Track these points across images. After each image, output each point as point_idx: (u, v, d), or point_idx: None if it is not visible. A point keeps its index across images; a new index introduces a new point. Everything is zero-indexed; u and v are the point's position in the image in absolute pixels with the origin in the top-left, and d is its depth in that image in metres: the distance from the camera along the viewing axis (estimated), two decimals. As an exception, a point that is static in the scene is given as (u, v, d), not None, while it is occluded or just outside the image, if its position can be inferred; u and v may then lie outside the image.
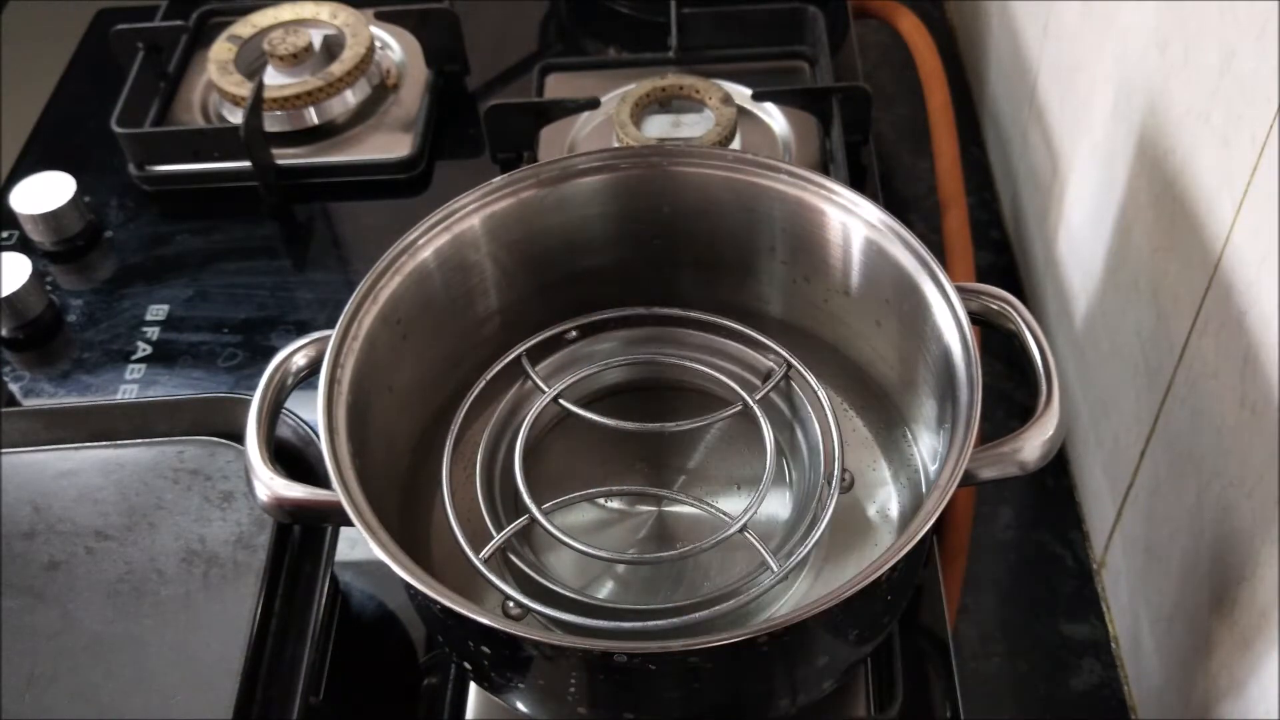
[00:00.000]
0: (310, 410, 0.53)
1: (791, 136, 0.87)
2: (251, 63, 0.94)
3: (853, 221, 0.58)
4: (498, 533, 0.56)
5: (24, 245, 0.87)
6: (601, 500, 0.60)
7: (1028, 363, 0.54)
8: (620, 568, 0.58)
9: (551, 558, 0.58)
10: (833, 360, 0.63)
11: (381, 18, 0.97)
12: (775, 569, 0.53)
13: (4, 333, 0.82)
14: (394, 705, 0.65)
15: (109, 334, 0.82)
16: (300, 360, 0.56)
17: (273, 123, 0.91)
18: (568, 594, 0.54)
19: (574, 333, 0.64)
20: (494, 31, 1.03)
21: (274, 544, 0.60)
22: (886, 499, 0.61)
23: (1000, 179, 0.96)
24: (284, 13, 0.96)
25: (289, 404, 0.57)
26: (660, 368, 0.64)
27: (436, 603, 0.46)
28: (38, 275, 0.82)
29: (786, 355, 0.61)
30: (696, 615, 0.51)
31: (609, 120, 0.86)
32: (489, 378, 0.61)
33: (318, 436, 0.51)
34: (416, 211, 0.58)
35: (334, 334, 0.54)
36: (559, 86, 0.93)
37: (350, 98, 0.93)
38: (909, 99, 0.98)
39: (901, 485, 0.61)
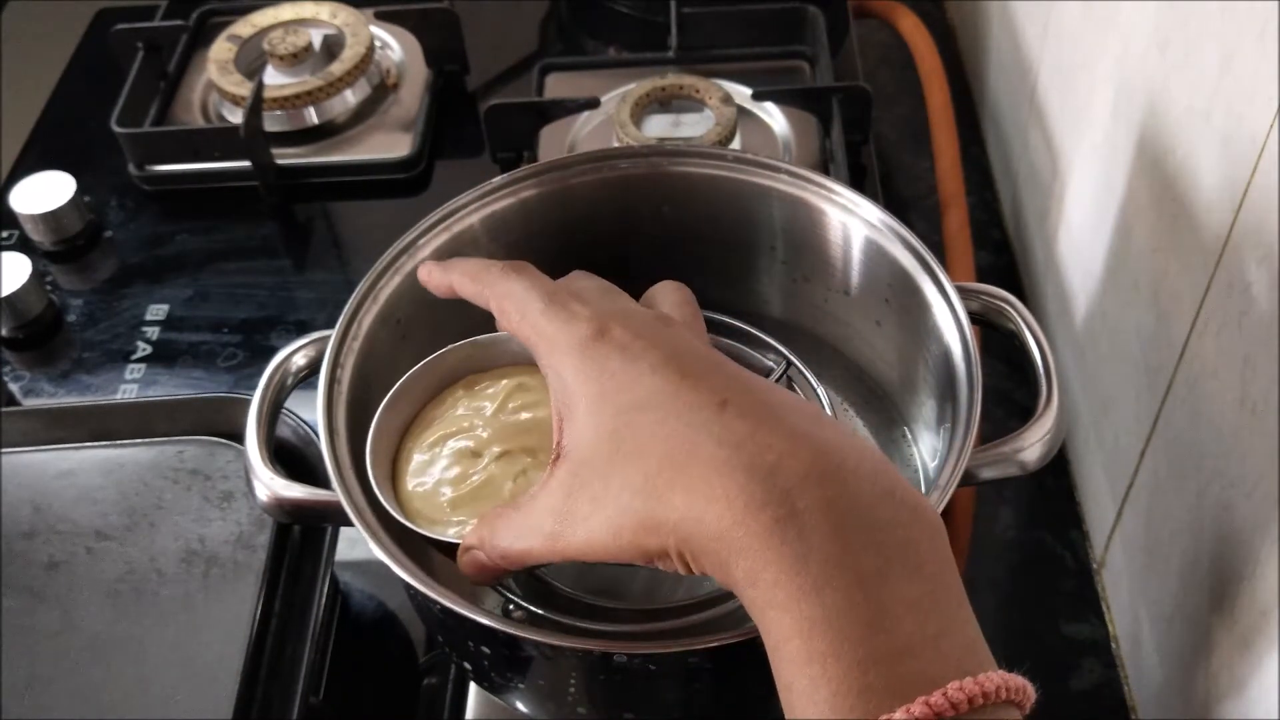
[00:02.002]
0: (310, 410, 0.53)
1: (791, 136, 0.87)
2: (251, 62, 0.94)
3: (852, 221, 0.58)
4: (498, 533, 0.55)
5: (24, 245, 0.87)
6: (601, 500, 0.60)
7: (1028, 363, 0.54)
8: (620, 568, 0.58)
9: (551, 558, 0.58)
10: (833, 360, 0.63)
11: (381, 17, 0.97)
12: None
13: (4, 333, 0.82)
14: (394, 705, 0.65)
15: (109, 334, 0.82)
16: (300, 360, 0.56)
17: (273, 122, 0.91)
18: (567, 594, 0.54)
19: (574, 333, 0.64)
20: (494, 31, 1.03)
21: (274, 544, 0.60)
22: (886, 499, 0.60)
23: (1000, 179, 0.96)
24: (284, 12, 0.96)
25: (289, 404, 0.57)
26: (660, 368, 0.64)
27: (436, 603, 0.46)
28: (38, 275, 0.82)
29: (786, 354, 0.61)
30: (696, 615, 0.51)
31: (609, 120, 0.86)
32: (489, 377, 0.61)
33: (318, 436, 0.51)
34: (416, 211, 0.58)
35: (334, 334, 0.54)
36: (559, 86, 0.93)
37: (350, 97, 0.93)
38: (909, 99, 0.98)
39: (901, 485, 0.61)
